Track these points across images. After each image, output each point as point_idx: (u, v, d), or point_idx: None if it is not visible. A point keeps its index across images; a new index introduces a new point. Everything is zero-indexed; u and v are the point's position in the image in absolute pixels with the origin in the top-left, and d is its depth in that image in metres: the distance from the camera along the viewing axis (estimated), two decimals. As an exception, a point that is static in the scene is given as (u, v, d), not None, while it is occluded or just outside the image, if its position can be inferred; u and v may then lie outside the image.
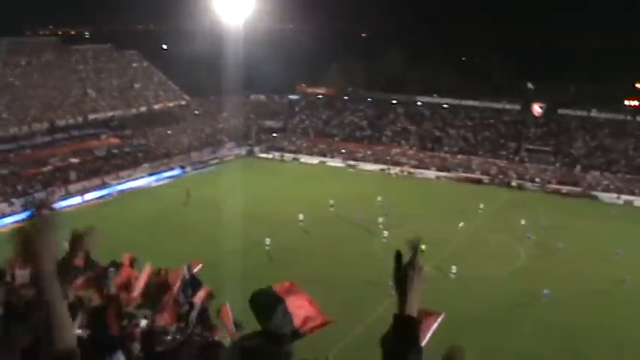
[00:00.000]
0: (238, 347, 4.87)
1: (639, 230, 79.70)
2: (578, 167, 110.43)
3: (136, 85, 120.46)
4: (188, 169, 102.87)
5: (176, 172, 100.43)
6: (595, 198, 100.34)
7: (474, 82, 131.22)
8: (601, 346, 44.86)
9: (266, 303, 6.62)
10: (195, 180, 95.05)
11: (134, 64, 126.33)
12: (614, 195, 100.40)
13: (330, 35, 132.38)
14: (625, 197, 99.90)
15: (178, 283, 15.54)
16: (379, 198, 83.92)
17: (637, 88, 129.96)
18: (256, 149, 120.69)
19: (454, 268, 59.88)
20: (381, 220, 74.68)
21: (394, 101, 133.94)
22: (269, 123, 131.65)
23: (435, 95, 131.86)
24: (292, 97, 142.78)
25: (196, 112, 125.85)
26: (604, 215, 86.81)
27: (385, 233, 69.39)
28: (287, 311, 8.96)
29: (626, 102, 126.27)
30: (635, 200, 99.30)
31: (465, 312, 48.84)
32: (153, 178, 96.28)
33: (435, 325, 9.45)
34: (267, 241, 64.20)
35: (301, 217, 73.87)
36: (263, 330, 5.16)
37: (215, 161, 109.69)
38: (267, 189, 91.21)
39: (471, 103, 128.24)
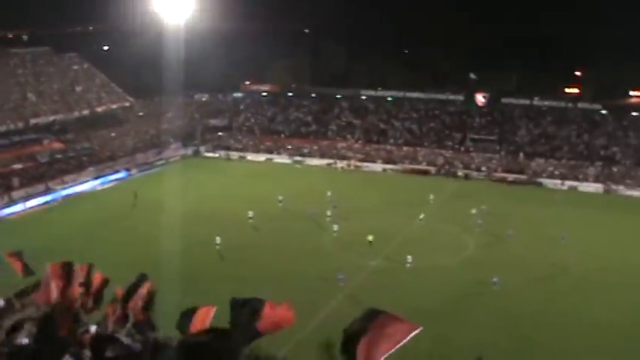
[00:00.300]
0: (185, 344, 4.73)
1: (583, 215, 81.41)
2: (522, 155, 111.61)
3: (78, 88, 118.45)
4: (134, 171, 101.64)
5: (121, 174, 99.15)
6: (540, 185, 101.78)
7: (417, 75, 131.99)
8: (551, 332, 45.35)
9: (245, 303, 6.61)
10: (142, 182, 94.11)
11: (74, 67, 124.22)
12: (559, 181, 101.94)
13: (273, 32, 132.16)
14: (569, 183, 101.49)
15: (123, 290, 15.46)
16: (329, 193, 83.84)
17: (577, 75, 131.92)
18: (202, 149, 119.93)
19: (409, 258, 60.02)
20: (329, 213, 74.80)
21: (338, 96, 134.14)
22: (214, 122, 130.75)
23: (379, 89, 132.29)
24: (236, 95, 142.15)
25: (140, 113, 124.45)
26: (549, 201, 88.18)
27: (335, 227, 69.41)
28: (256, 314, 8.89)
29: (567, 89, 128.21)
30: (579, 185, 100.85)
31: (417, 302, 49.10)
32: (98, 181, 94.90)
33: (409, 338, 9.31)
34: (218, 240, 63.60)
35: (251, 214, 73.48)
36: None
37: (161, 162, 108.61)
38: (215, 188, 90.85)
39: (415, 95, 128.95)
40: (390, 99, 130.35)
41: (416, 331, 8.81)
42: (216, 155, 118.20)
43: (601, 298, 53.02)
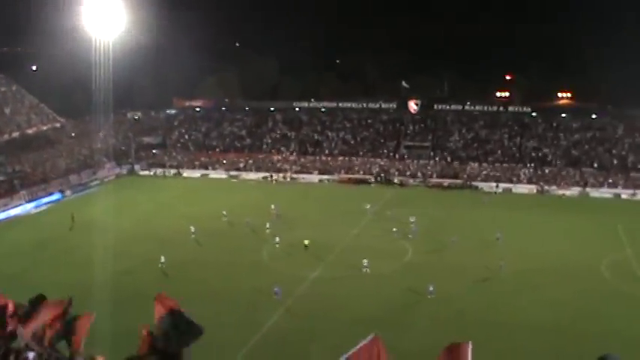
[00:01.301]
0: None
1: (517, 216, 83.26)
2: (450, 159, 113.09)
3: (6, 110, 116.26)
4: (68, 192, 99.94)
5: (55, 196, 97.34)
6: (475, 188, 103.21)
7: (349, 84, 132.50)
8: (491, 333, 45.71)
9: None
10: (77, 203, 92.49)
11: (2, 88, 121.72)
12: (494, 184, 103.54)
13: (204, 47, 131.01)
14: (504, 185, 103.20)
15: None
16: (272, 206, 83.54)
17: (506, 80, 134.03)
18: (137, 167, 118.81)
19: (365, 262, 60.07)
20: (268, 225, 74.52)
21: (272, 109, 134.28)
22: (148, 139, 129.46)
23: (312, 100, 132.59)
24: (169, 111, 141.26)
25: (72, 133, 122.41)
26: (484, 204, 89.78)
27: (277, 239, 69.17)
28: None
29: (498, 94, 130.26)
30: (513, 187, 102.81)
31: (358, 311, 49.33)
32: (32, 204, 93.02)
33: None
34: (162, 259, 62.26)
35: (193, 229, 72.67)
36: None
37: (95, 182, 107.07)
38: (153, 206, 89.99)
39: (348, 105, 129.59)
40: (323, 110, 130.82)
41: None
42: (152, 173, 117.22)
43: (536, 298, 53.87)
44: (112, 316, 21.49)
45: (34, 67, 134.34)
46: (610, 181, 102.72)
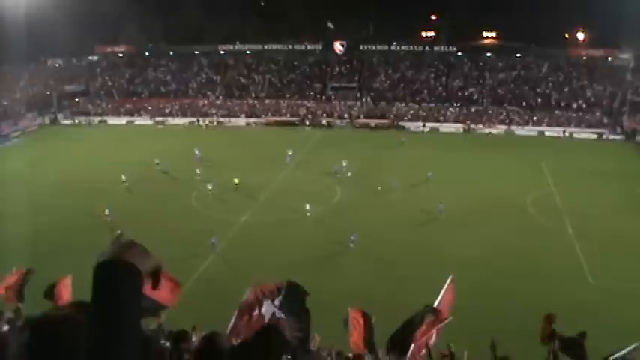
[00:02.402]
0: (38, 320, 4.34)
1: (445, 155, 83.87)
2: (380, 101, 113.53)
3: None
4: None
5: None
6: (403, 128, 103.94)
7: (274, 26, 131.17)
8: (422, 270, 46.18)
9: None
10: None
11: None
12: (420, 123, 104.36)
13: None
14: (430, 124, 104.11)
15: None
16: (196, 151, 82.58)
17: (432, 19, 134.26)
18: (60, 116, 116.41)
19: (308, 206, 59.74)
20: (198, 172, 73.49)
21: (196, 52, 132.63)
22: (70, 88, 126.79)
23: (237, 43, 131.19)
24: (92, 58, 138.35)
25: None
26: (411, 144, 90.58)
27: (209, 186, 68.00)
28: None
29: (423, 34, 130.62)
30: (440, 127, 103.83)
31: (288, 255, 49.34)
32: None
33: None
34: (107, 212, 57.91)
35: (124, 178, 70.79)
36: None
37: (17, 134, 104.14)
38: (79, 156, 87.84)
39: (274, 47, 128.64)
40: (248, 52, 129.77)
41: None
42: (76, 122, 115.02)
43: (464, 235, 54.54)
44: (40, 271, 20.94)
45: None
46: (535, 119, 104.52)
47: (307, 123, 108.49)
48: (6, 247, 44.10)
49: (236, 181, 67.66)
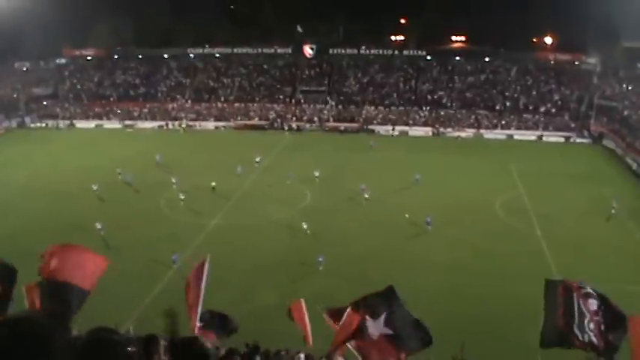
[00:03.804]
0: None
1: (415, 158, 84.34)
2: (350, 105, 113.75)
3: None
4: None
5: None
6: (372, 132, 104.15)
7: (244, 30, 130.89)
8: (387, 271, 46.19)
9: None
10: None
11: None
12: (390, 127, 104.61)
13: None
14: (400, 128, 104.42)
15: None
16: (157, 157, 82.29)
17: (401, 23, 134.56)
18: (27, 120, 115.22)
19: (305, 225, 57.45)
20: (174, 180, 72.25)
21: (166, 56, 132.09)
22: (38, 91, 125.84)
23: (206, 46, 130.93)
24: (60, 61, 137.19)
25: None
26: (379, 147, 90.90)
27: (181, 196, 66.90)
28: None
29: (393, 37, 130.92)
30: (409, 130, 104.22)
31: (259, 257, 49.38)
32: None
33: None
34: (98, 225, 55.54)
35: (95, 187, 68.79)
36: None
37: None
38: (47, 160, 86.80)
39: (243, 50, 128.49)
40: (218, 56, 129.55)
41: None
42: (44, 125, 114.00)
43: (434, 239, 54.78)
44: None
45: None
46: (503, 122, 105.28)
47: (276, 126, 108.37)
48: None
49: (213, 184, 67.91)
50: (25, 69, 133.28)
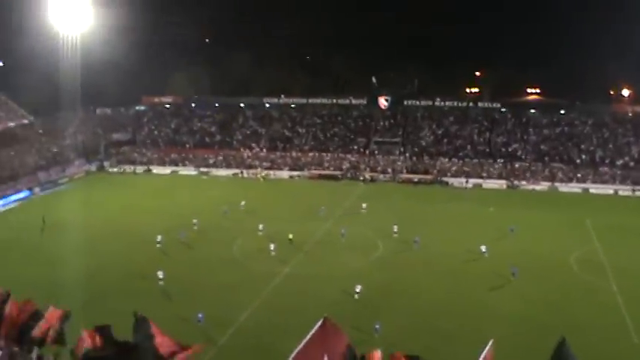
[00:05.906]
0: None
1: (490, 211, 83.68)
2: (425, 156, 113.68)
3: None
4: (37, 190, 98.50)
5: (24, 194, 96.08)
6: (446, 184, 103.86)
7: (319, 81, 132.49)
8: (464, 324, 46.02)
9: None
10: (46, 201, 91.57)
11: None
12: (464, 179, 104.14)
13: (173, 43, 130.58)
14: (473, 180, 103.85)
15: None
16: (242, 203, 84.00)
17: (476, 75, 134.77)
18: (106, 164, 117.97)
19: (358, 288, 54.77)
20: (261, 227, 73.30)
21: (242, 104, 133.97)
22: (117, 136, 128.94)
23: (282, 96, 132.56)
24: (139, 108, 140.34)
25: (40, 130, 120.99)
26: (454, 199, 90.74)
27: (272, 246, 66.02)
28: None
29: (467, 89, 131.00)
30: (483, 183, 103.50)
31: (333, 305, 49.41)
32: (0, 202, 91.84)
33: None
34: (160, 274, 56.20)
35: (159, 238, 68.46)
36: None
37: (65, 180, 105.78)
38: (123, 204, 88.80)
39: (318, 101, 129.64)
40: (293, 106, 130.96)
41: None
42: (121, 170, 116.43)
43: (507, 292, 54.43)
44: (77, 314, 21.23)
45: (0, 63, 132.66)
46: (579, 175, 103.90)
47: (350, 176, 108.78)
48: (57, 287, 45.15)
49: (290, 236, 68.33)
50: (105, 114, 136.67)
